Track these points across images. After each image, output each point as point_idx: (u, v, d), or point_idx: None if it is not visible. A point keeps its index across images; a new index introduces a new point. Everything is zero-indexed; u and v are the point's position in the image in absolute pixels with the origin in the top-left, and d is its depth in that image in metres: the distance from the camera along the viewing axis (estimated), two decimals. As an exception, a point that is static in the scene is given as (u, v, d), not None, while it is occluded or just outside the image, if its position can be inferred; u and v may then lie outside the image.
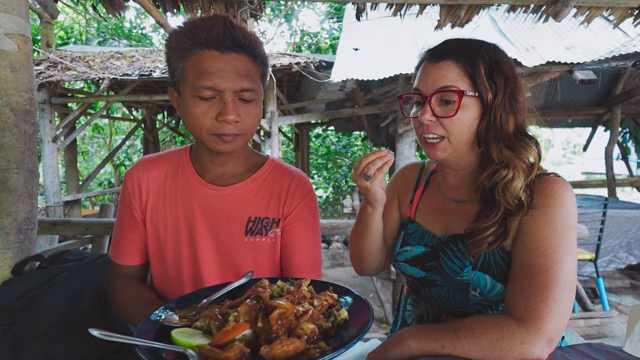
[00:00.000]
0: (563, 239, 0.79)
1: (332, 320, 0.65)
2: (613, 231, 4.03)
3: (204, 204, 1.01)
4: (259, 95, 0.95)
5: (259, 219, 1.03)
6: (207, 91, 0.87)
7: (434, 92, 0.87)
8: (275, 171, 1.08)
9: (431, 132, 0.88)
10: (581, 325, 2.85)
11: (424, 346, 0.78)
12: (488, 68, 0.87)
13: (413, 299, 1.06)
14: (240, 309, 0.64)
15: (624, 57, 4.21)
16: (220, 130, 0.90)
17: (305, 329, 0.59)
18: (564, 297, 0.74)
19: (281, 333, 0.58)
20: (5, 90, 1.18)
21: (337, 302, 0.73)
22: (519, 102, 0.89)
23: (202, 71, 0.87)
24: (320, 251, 1.11)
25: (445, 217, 0.98)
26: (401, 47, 4.93)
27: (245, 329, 0.60)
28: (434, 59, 0.89)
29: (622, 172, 10.16)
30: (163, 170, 1.05)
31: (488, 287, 0.86)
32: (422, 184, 1.09)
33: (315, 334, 0.60)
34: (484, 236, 0.84)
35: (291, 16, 11.35)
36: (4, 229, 1.17)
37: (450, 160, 0.94)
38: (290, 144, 11.41)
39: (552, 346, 0.73)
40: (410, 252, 0.99)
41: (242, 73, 0.89)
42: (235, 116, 0.89)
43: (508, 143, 0.86)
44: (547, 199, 0.82)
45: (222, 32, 0.87)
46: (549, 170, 0.90)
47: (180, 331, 0.64)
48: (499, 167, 0.86)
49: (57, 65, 5.17)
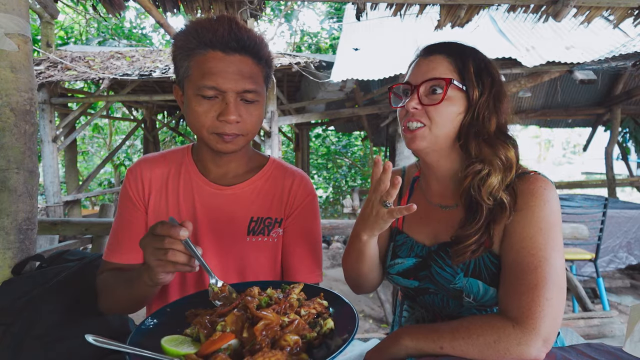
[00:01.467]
0: (549, 237, 0.79)
1: (317, 330, 0.65)
2: (613, 231, 4.04)
3: (206, 203, 1.01)
4: (261, 97, 0.95)
5: (262, 219, 1.03)
6: (210, 91, 0.87)
7: (422, 82, 0.89)
8: (277, 171, 1.08)
9: (415, 120, 0.89)
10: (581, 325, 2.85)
11: (422, 346, 0.78)
12: (477, 67, 0.90)
13: (409, 305, 1.06)
14: (227, 318, 0.65)
15: (624, 57, 4.21)
16: (220, 130, 0.90)
17: (289, 340, 0.60)
18: (555, 294, 0.75)
19: (264, 344, 0.59)
20: (5, 90, 1.18)
21: (326, 310, 0.73)
22: (502, 104, 0.90)
23: (206, 71, 0.87)
24: (321, 251, 1.11)
25: (432, 225, 0.98)
26: (401, 47, 4.93)
27: (231, 339, 0.61)
28: (426, 54, 0.93)
29: (622, 172, 10.16)
30: (165, 168, 1.05)
31: (481, 293, 0.86)
32: (406, 192, 1.08)
33: (298, 345, 0.61)
34: (466, 244, 0.85)
35: (291, 16, 11.36)
36: (4, 229, 1.17)
37: (429, 155, 0.93)
38: (290, 144, 11.40)
39: (548, 346, 0.73)
40: (402, 265, 0.99)
41: (245, 74, 0.89)
42: (237, 117, 0.89)
43: (487, 140, 0.87)
44: (530, 197, 0.83)
45: (227, 33, 0.87)
46: (529, 169, 0.90)
47: (170, 339, 0.65)
48: (475, 161, 0.87)
49: (57, 65, 5.17)
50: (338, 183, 11.63)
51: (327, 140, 12.16)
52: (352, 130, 10.06)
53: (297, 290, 0.78)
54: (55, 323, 1.06)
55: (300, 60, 5.11)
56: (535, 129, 19.80)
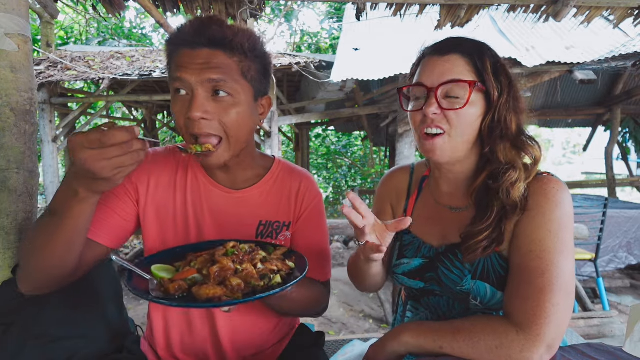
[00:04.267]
0: (558, 241, 0.77)
1: (266, 281, 0.78)
2: (613, 231, 4.03)
3: (214, 206, 1.00)
4: (238, 92, 0.88)
5: (270, 222, 1.02)
6: (177, 82, 0.87)
7: (441, 84, 0.83)
8: (283, 173, 1.08)
9: (434, 126, 0.84)
10: (581, 325, 2.85)
11: (422, 344, 0.78)
12: (494, 66, 0.85)
13: (412, 306, 1.05)
14: (199, 259, 0.84)
15: (624, 57, 4.20)
16: (191, 129, 0.86)
17: (233, 281, 0.75)
18: (562, 300, 0.73)
19: (212, 280, 0.75)
20: (5, 90, 1.17)
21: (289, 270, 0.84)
22: (520, 103, 0.87)
23: (173, 66, 0.89)
24: (330, 251, 1.11)
25: (441, 227, 0.96)
26: (401, 47, 4.93)
27: (193, 273, 0.80)
28: (440, 52, 0.87)
29: (622, 172, 10.15)
30: (174, 165, 1.03)
31: (488, 296, 0.85)
32: (414, 192, 1.06)
33: (240, 287, 0.74)
34: (477, 240, 0.83)
35: (291, 16, 11.35)
36: (4, 229, 1.17)
37: (446, 162, 0.90)
38: (290, 144, 11.40)
39: (552, 352, 0.72)
40: (408, 265, 0.98)
41: (212, 65, 0.85)
42: (202, 112, 0.84)
43: (513, 142, 0.85)
44: (541, 199, 0.81)
45: (193, 30, 0.87)
46: (542, 170, 0.89)
47: (159, 267, 0.84)
48: (507, 167, 0.83)
49: (57, 65, 5.16)
50: (338, 183, 11.63)
51: (327, 140, 12.16)
52: (352, 130, 10.05)
53: (279, 252, 0.90)
54: (55, 323, 1.06)
55: (300, 60, 5.11)
56: (535, 129, 19.79)
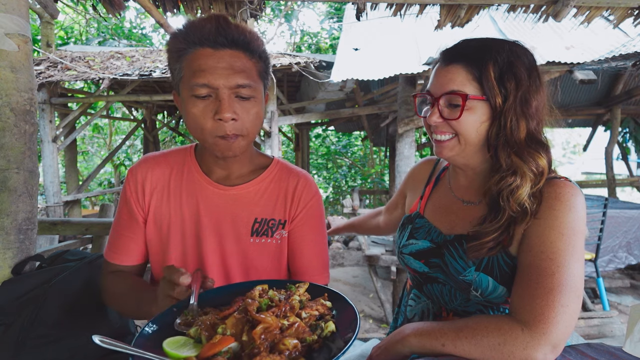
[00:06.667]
0: (569, 244, 0.78)
1: (318, 333, 0.65)
2: (613, 231, 4.03)
3: (209, 203, 1.00)
4: (257, 93, 0.91)
5: (265, 220, 1.02)
6: (202, 89, 0.85)
7: (441, 95, 0.89)
8: (281, 172, 1.07)
9: (440, 133, 0.91)
10: (581, 325, 2.85)
11: (425, 343, 0.78)
12: (499, 71, 0.85)
13: (415, 295, 1.07)
14: (227, 321, 0.66)
15: (624, 57, 4.20)
16: (221, 132, 0.87)
17: (288, 344, 0.60)
18: (571, 301, 0.73)
19: (263, 349, 0.59)
20: (5, 90, 1.18)
21: (329, 312, 0.73)
22: (531, 107, 0.86)
23: (196, 69, 0.85)
24: (328, 251, 1.11)
25: (451, 217, 0.99)
26: (401, 47, 4.93)
27: (231, 342, 0.62)
28: (444, 62, 0.91)
29: (622, 172, 10.16)
30: (167, 168, 1.03)
31: (490, 289, 0.86)
32: (431, 181, 1.11)
33: (297, 350, 0.60)
34: (484, 241, 0.84)
35: (291, 16, 11.36)
36: (4, 229, 1.17)
37: (458, 161, 0.95)
38: (290, 144, 11.41)
39: (556, 352, 0.71)
40: (416, 246, 1.01)
41: (237, 69, 0.86)
42: (232, 114, 0.85)
43: (517, 150, 0.85)
44: (555, 202, 0.81)
45: (214, 29, 0.85)
46: (560, 174, 0.88)
47: (172, 341, 0.65)
48: (507, 173, 0.85)
49: (57, 65, 5.17)
50: (338, 183, 11.63)
51: (327, 140, 12.17)
52: (352, 130, 10.06)
53: (302, 290, 0.77)
54: (55, 323, 1.06)
55: (300, 60, 5.11)
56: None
